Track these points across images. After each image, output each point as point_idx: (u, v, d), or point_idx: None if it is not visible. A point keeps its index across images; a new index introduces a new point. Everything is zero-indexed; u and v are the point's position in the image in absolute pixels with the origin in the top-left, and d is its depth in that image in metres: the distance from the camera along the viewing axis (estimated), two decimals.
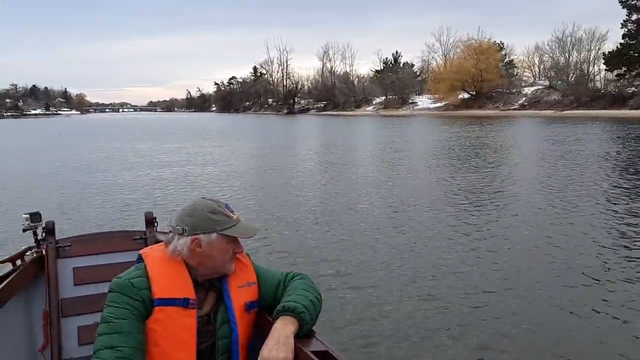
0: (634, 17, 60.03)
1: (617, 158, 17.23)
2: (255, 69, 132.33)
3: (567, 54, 70.53)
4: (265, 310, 1.89)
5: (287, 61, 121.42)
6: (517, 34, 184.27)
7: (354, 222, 8.73)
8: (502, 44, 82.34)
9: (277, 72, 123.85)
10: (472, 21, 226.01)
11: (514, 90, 72.52)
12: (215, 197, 1.90)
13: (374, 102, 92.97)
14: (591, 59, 67.66)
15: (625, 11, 60.54)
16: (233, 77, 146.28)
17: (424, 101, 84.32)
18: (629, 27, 60.30)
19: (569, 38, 70.68)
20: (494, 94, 73.36)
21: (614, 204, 9.79)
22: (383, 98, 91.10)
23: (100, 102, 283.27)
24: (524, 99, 69.33)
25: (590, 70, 66.81)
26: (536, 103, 65.76)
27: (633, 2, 59.74)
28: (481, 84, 73.65)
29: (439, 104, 78.99)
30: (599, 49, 67.57)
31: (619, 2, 60.68)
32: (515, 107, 67.50)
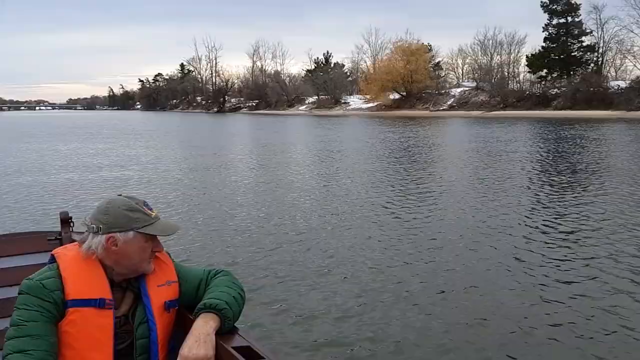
0: (555, 21, 62.92)
1: (563, 154, 18.18)
2: (182, 65, 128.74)
3: (489, 57, 74.06)
4: (187, 309, 1.86)
5: (216, 58, 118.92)
6: (443, 36, 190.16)
7: (283, 222, 8.73)
8: (430, 46, 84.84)
9: (206, 69, 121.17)
10: (405, 23, 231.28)
11: (443, 92, 74.88)
12: (132, 195, 1.86)
13: (306, 102, 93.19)
14: (511, 62, 71.39)
15: (546, 16, 63.33)
16: (159, 74, 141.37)
17: (356, 101, 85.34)
18: (550, 31, 63.10)
19: (491, 41, 74.28)
20: (423, 94, 75.29)
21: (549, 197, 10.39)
22: (315, 98, 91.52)
23: (15, 99, 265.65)
24: (452, 99, 71.63)
25: (510, 72, 70.33)
26: (464, 104, 68.00)
27: (554, 7, 62.66)
28: (411, 85, 75.35)
29: (370, 104, 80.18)
30: (518, 51, 71.61)
31: (541, 7, 63.42)
32: (445, 107, 69.53)
